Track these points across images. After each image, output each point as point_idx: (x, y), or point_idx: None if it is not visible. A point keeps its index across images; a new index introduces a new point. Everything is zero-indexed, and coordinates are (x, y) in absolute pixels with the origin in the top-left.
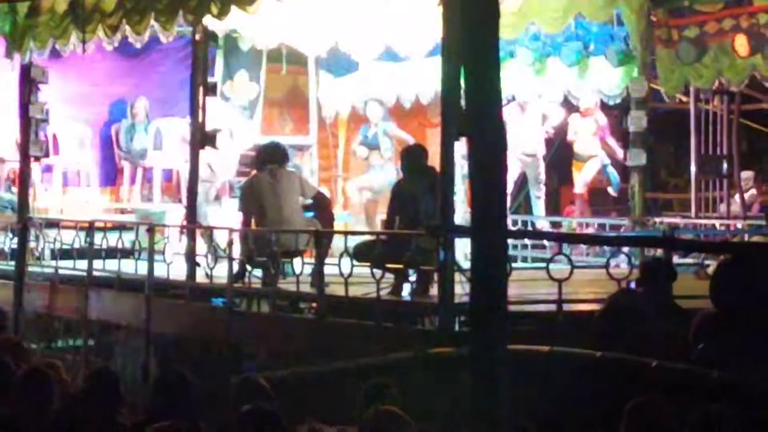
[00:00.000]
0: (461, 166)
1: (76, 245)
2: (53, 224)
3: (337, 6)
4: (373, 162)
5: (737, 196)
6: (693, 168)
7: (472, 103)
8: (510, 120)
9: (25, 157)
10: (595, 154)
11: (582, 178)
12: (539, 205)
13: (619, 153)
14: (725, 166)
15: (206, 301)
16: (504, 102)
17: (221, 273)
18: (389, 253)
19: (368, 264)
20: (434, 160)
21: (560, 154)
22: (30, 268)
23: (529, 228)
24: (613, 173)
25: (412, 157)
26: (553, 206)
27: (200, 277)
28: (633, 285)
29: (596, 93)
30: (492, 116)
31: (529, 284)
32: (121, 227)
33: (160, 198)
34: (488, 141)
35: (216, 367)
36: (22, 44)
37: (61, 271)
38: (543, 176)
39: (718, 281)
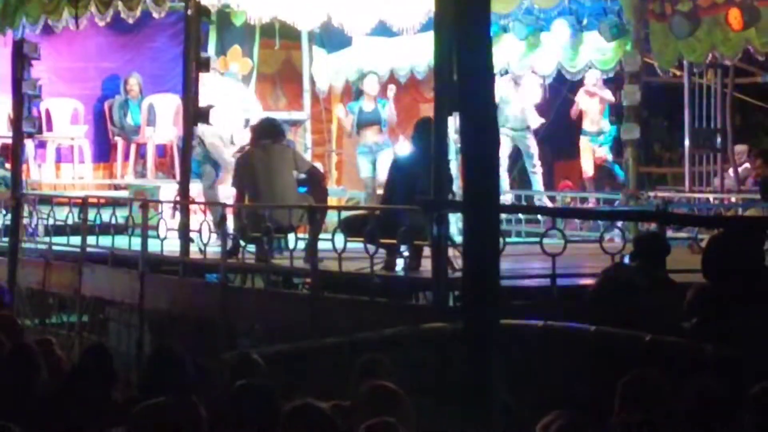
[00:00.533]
0: (455, 141)
1: (70, 221)
2: (46, 200)
3: None
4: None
5: (731, 170)
6: (687, 142)
7: (464, 77)
8: (500, 93)
9: (17, 133)
10: (605, 131)
11: (590, 160)
12: (537, 180)
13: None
14: (719, 140)
15: (200, 277)
16: (497, 76)
17: (215, 249)
18: (382, 228)
19: (360, 239)
20: None
21: (553, 129)
22: (23, 245)
23: (523, 203)
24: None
25: (424, 129)
26: (548, 181)
27: (194, 252)
28: (627, 259)
29: (590, 67)
30: (484, 91)
31: (522, 259)
32: (114, 203)
33: (154, 174)
34: (479, 116)
35: (210, 342)
36: (14, 20)
37: (54, 248)
38: (534, 150)
39: (710, 254)
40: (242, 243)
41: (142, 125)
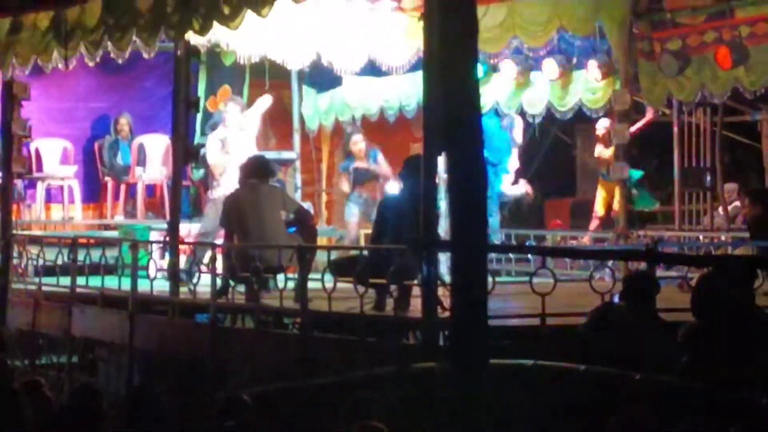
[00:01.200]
0: (444, 180)
1: (60, 261)
2: (36, 240)
3: (320, 19)
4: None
5: (721, 209)
6: (676, 180)
7: (452, 117)
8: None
9: (7, 173)
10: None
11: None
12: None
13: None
14: (708, 178)
15: (190, 317)
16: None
17: (205, 289)
18: (371, 268)
19: (349, 280)
20: None
21: (543, 168)
22: (13, 285)
23: (513, 242)
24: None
25: (413, 167)
26: (538, 219)
27: (183, 292)
28: (616, 298)
29: (579, 106)
30: (471, 130)
31: (512, 298)
32: (104, 243)
33: (144, 214)
34: (467, 155)
35: (200, 383)
36: (5, 60)
37: (44, 288)
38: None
39: (699, 293)
40: (231, 283)
41: (132, 165)
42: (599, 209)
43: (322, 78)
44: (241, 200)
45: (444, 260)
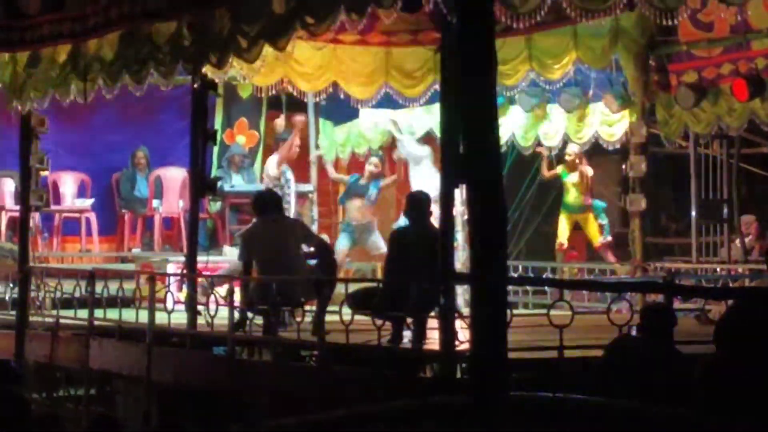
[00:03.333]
0: (461, 213)
1: (77, 294)
2: (54, 273)
3: (336, 52)
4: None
5: (738, 241)
6: (693, 212)
7: (471, 149)
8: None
9: (25, 206)
10: (589, 205)
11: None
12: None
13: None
14: (725, 210)
15: (207, 350)
16: (503, 149)
17: (222, 321)
18: (388, 300)
19: (367, 312)
20: None
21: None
22: (31, 318)
23: (530, 274)
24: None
25: (417, 203)
26: (550, 252)
27: (201, 325)
28: (634, 331)
29: (596, 138)
30: (490, 162)
31: (530, 331)
32: (121, 276)
33: (161, 246)
34: (487, 187)
35: (218, 415)
36: (22, 94)
37: (62, 321)
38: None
39: (723, 326)
40: (249, 315)
41: (149, 198)
42: (562, 238)
43: (339, 110)
44: (262, 234)
45: (460, 292)
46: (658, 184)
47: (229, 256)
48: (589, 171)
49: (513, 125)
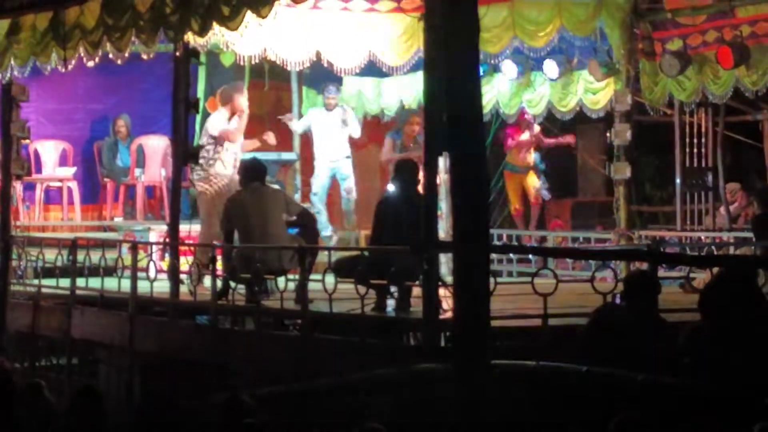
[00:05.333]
0: (445, 181)
1: (59, 263)
2: (35, 242)
3: (320, 19)
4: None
5: (722, 208)
6: (678, 180)
7: (454, 117)
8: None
9: (6, 175)
10: (531, 165)
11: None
12: (351, 204)
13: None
14: (710, 178)
15: (190, 319)
16: (487, 117)
17: (205, 290)
18: (372, 268)
19: (351, 280)
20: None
21: (545, 166)
22: (12, 287)
23: (514, 242)
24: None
25: (403, 171)
26: (538, 220)
27: (184, 294)
28: (618, 298)
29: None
30: (473, 131)
31: (514, 299)
32: (103, 245)
33: (143, 215)
34: (469, 155)
35: (201, 384)
36: (3, 62)
37: (44, 290)
38: (348, 172)
39: (708, 294)
40: (232, 284)
41: (131, 167)
42: (516, 203)
43: (322, 78)
44: (244, 203)
45: (444, 261)
46: (643, 152)
47: None
48: (536, 128)
49: (497, 93)
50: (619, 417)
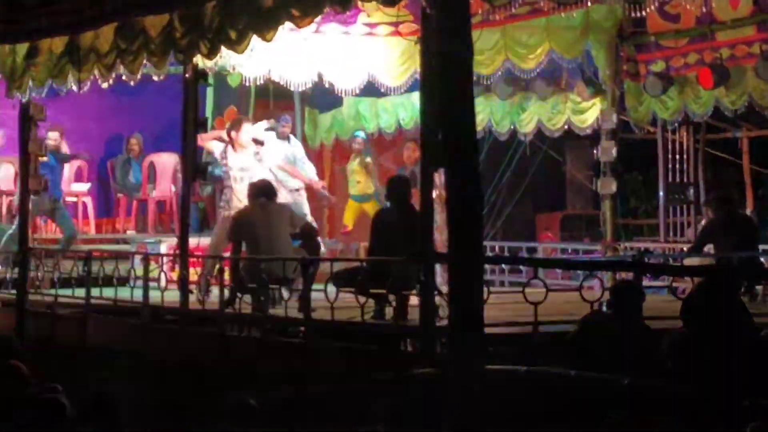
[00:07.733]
0: (440, 196)
1: (75, 274)
2: (52, 254)
3: (321, 43)
4: None
5: (703, 221)
6: (661, 195)
7: (449, 136)
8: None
9: (24, 191)
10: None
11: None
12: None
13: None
14: (691, 192)
15: (199, 327)
16: (480, 135)
17: (213, 299)
18: (371, 279)
19: (351, 290)
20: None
21: (534, 183)
22: (31, 296)
23: (506, 254)
24: None
25: (395, 187)
26: (529, 232)
27: (193, 303)
28: (605, 307)
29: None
30: (468, 149)
31: (506, 307)
32: (117, 256)
33: (154, 228)
34: (464, 172)
35: (209, 390)
36: (21, 84)
37: (60, 299)
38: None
39: (691, 303)
40: (239, 294)
41: (143, 182)
42: (348, 223)
43: (324, 99)
44: (252, 216)
45: (440, 271)
46: (628, 168)
47: None
48: (369, 159)
49: (489, 113)
50: (608, 418)
